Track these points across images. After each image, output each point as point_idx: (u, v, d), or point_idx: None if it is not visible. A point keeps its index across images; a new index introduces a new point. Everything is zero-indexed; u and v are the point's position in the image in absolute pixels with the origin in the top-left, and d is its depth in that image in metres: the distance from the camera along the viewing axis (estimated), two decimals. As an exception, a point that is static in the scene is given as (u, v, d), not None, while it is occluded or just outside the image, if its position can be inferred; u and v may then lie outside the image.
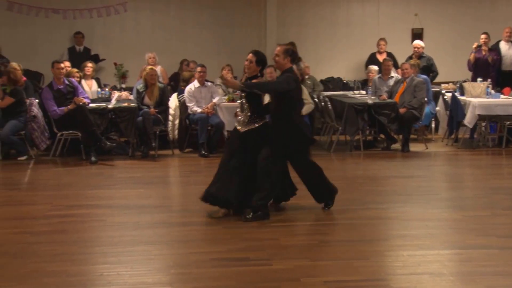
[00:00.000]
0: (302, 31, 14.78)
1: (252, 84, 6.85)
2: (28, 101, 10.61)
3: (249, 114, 6.93)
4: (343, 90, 13.58)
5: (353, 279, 5.04)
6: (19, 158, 10.51)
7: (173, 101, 11.53)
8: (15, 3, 13.72)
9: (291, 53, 6.94)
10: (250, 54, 6.98)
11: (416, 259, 5.50)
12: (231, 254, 5.61)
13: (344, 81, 14.38)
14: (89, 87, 11.68)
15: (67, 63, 11.79)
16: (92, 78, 11.98)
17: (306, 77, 12.55)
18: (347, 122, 11.02)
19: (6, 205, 7.81)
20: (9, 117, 10.47)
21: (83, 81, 11.62)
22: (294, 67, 7.18)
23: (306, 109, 11.10)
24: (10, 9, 13.73)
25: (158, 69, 12.19)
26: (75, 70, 11.55)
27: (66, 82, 10.64)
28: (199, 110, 11.02)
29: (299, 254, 5.66)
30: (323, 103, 11.65)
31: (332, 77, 14.38)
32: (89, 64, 11.97)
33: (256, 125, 6.91)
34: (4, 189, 8.84)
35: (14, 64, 11.01)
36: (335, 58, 14.76)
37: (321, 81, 13.66)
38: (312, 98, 11.56)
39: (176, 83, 12.87)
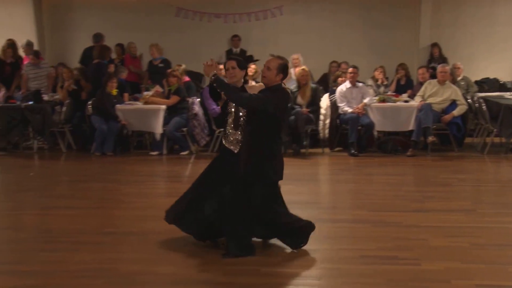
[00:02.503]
0: (457, 31, 14.32)
1: (222, 83, 5.59)
2: (190, 100, 11.06)
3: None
4: (499, 91, 12.95)
5: (508, 285, 4.84)
6: (182, 153, 11.01)
7: (325, 101, 11.56)
8: (182, 9, 14.36)
9: (284, 69, 5.63)
10: (229, 61, 5.91)
11: None
12: (379, 252, 5.55)
13: (501, 82, 13.74)
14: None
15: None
16: (254, 79, 12.22)
17: (459, 78, 12.16)
18: (502, 124, 10.52)
19: (170, 196, 8.10)
20: (173, 114, 10.98)
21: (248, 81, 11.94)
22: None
23: (459, 110, 10.78)
24: (177, 15, 14.41)
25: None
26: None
27: (225, 82, 10.96)
28: (349, 110, 10.98)
29: (450, 255, 5.48)
30: (477, 104, 11.20)
31: (488, 78, 13.77)
32: (252, 66, 12.27)
33: None
34: (169, 181, 9.29)
35: (176, 66, 11.63)
36: (491, 58, 14.13)
37: (476, 82, 13.14)
38: (466, 99, 11.15)
39: (326, 84, 12.87)
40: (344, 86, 11.21)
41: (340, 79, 11.79)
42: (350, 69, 11.25)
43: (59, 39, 14.69)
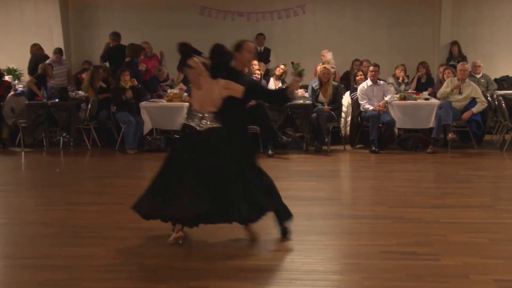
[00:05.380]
0: (477, 29, 14.19)
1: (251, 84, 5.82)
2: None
3: (212, 110, 5.66)
4: (519, 89, 12.86)
5: (526, 280, 4.81)
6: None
7: (346, 99, 11.56)
8: (205, 7, 14.42)
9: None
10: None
11: None
12: (399, 248, 5.55)
13: (521, 80, 13.62)
14: (275, 86, 11.97)
15: (255, 62, 12.26)
16: (281, 78, 12.24)
17: (479, 76, 12.07)
18: (521, 121, 10.46)
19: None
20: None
21: (271, 79, 12.00)
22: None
23: (478, 107, 10.71)
24: (201, 14, 14.46)
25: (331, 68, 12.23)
26: (256, 68, 11.89)
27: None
28: (371, 107, 10.96)
29: (468, 251, 5.47)
30: (496, 101, 11.12)
31: (507, 76, 13.64)
32: (281, 66, 12.32)
33: (217, 124, 5.67)
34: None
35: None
36: (511, 56, 14.00)
37: (495, 80, 13.03)
38: (485, 96, 11.08)
39: (348, 82, 12.85)
40: (366, 84, 11.19)
41: (358, 77, 11.78)
42: (371, 67, 11.24)
43: (84, 37, 14.81)
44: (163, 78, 12.84)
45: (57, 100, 11.53)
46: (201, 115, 5.63)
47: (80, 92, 12.10)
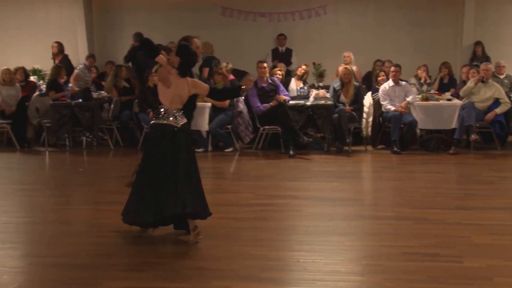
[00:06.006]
0: (501, 29, 14.06)
1: None
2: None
3: (180, 107, 5.82)
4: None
5: (550, 282, 4.74)
6: (226, 150, 11.06)
7: (368, 99, 11.50)
8: (227, 8, 14.44)
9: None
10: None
11: None
12: (421, 249, 5.50)
13: (546, 80, 13.44)
14: (296, 86, 11.97)
15: (281, 65, 12.31)
16: (302, 79, 12.24)
17: (502, 76, 11.95)
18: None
19: (215, 192, 8.25)
20: (218, 112, 11.04)
21: (293, 80, 12.01)
22: None
23: (502, 108, 10.62)
24: (223, 14, 14.49)
25: (353, 68, 12.17)
26: (278, 69, 11.90)
27: (269, 80, 11.01)
28: (392, 108, 10.89)
29: (492, 253, 5.40)
30: (520, 102, 11.00)
31: (531, 76, 13.50)
32: (303, 66, 12.32)
33: (186, 120, 5.86)
34: (213, 178, 9.33)
35: (222, 64, 11.66)
36: (535, 56, 13.86)
37: (519, 80, 12.88)
38: (509, 97, 10.96)
39: (369, 82, 12.79)
40: (387, 84, 11.13)
41: (380, 78, 11.72)
42: (393, 68, 11.18)
43: (108, 38, 14.90)
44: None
45: (80, 100, 11.61)
46: (172, 112, 5.75)
47: (103, 92, 12.16)
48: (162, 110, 5.76)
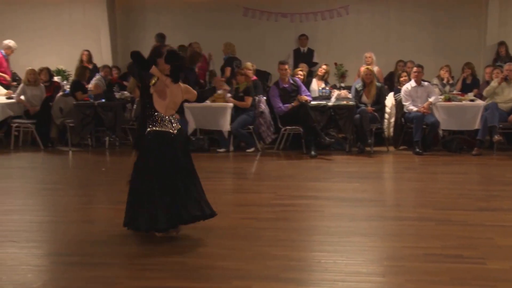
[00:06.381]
0: (525, 30, 13.91)
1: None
2: (256, 98, 11.10)
3: (173, 112, 5.97)
4: None
5: None
6: (248, 150, 11.05)
7: (390, 100, 11.43)
8: (249, 9, 14.45)
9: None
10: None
11: None
12: (444, 251, 5.44)
13: None
14: (318, 86, 11.94)
15: (302, 65, 12.31)
16: (323, 79, 12.22)
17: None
18: None
19: (236, 192, 8.27)
20: (240, 112, 11.04)
21: (314, 80, 11.98)
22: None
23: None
24: (245, 15, 14.51)
25: (375, 69, 12.11)
26: (299, 69, 11.87)
27: (291, 81, 10.99)
28: (415, 109, 10.81)
29: (516, 255, 5.35)
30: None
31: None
32: (323, 66, 12.29)
33: (180, 126, 6.02)
34: (235, 178, 9.35)
35: (248, 64, 11.67)
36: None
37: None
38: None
39: (391, 83, 12.71)
40: (409, 85, 11.06)
41: (402, 78, 11.65)
42: (415, 68, 11.10)
43: (131, 39, 14.97)
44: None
45: (103, 100, 11.67)
46: (168, 119, 5.85)
47: (125, 92, 12.23)
48: (158, 117, 5.83)
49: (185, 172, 5.82)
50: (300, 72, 11.66)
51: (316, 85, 11.99)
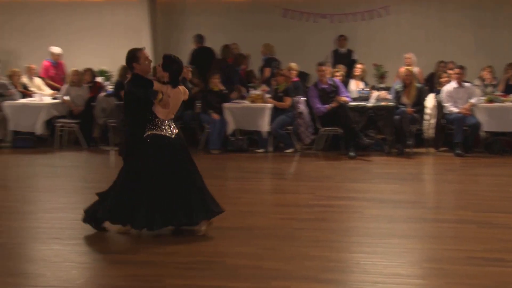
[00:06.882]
0: None
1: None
2: (296, 99, 11.09)
3: (173, 117, 6.08)
4: None
5: None
6: (286, 151, 11.05)
7: (430, 101, 11.29)
8: (288, 10, 14.44)
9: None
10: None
11: None
12: (485, 254, 5.36)
13: None
14: (357, 86, 11.89)
15: (340, 66, 12.26)
16: (361, 79, 12.15)
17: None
18: None
19: (275, 192, 8.28)
20: (279, 112, 11.04)
21: (352, 81, 11.92)
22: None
23: None
24: (284, 16, 14.51)
25: (415, 70, 11.98)
26: (336, 70, 11.82)
27: (330, 81, 10.95)
28: (456, 110, 10.67)
29: (559, 259, 5.23)
30: None
31: None
32: (359, 66, 12.23)
33: (177, 130, 6.12)
34: (273, 178, 9.36)
35: (293, 65, 11.69)
36: None
37: None
38: None
39: (432, 84, 12.56)
40: (451, 86, 10.93)
41: (442, 79, 11.51)
42: (456, 69, 10.97)
43: (171, 40, 15.08)
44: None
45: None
46: (167, 123, 5.95)
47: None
48: (158, 122, 5.93)
49: (180, 177, 5.91)
50: (338, 73, 11.61)
51: (354, 85, 11.92)
